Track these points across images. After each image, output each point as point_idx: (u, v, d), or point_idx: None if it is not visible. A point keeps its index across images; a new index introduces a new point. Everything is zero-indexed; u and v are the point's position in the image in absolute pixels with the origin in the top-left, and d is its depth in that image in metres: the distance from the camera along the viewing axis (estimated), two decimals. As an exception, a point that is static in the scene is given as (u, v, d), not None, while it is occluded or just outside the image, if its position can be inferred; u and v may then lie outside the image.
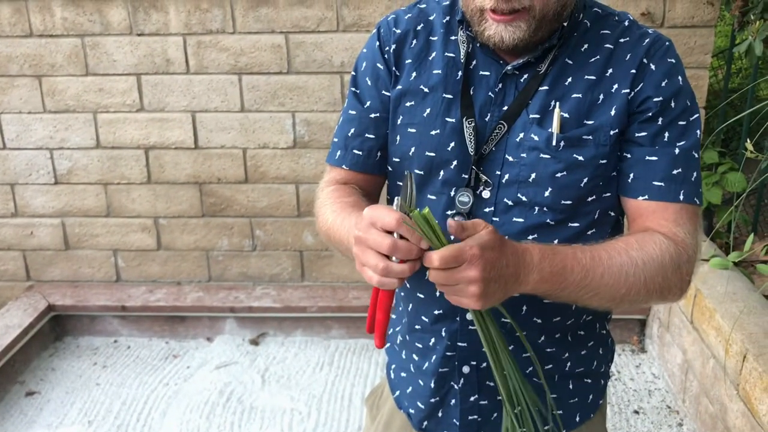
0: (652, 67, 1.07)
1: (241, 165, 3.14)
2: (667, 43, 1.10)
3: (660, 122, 1.07)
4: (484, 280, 0.90)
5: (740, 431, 2.10)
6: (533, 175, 1.08)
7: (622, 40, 1.10)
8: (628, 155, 1.08)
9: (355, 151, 1.23)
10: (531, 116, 1.08)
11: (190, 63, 3.00)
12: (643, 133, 1.07)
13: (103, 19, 2.95)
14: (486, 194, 1.11)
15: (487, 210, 1.11)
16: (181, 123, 3.09)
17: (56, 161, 3.18)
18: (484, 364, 1.17)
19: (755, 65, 2.72)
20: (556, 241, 1.09)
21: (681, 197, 1.07)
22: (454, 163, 1.11)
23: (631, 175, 1.08)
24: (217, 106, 3.06)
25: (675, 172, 1.07)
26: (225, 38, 2.96)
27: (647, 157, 1.07)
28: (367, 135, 1.22)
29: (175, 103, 3.06)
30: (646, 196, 1.07)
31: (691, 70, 2.83)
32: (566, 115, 1.07)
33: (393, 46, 1.18)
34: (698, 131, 1.10)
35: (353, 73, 1.25)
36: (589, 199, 1.10)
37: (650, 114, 1.06)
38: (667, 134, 1.07)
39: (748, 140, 2.06)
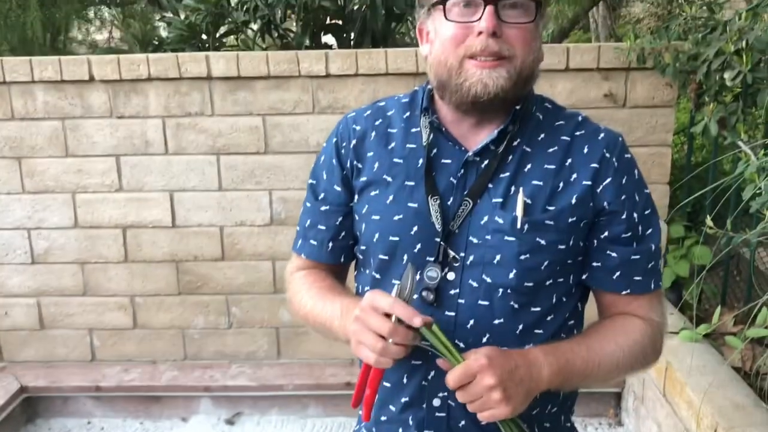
0: (615, 163, 1.14)
1: (218, 243, 3.17)
2: (620, 139, 1.18)
3: (634, 218, 1.15)
4: (502, 384, 0.99)
5: (715, 507, 2.09)
6: (498, 257, 1.11)
7: (578, 133, 1.17)
8: (614, 254, 1.16)
9: (311, 242, 1.28)
10: (494, 200, 1.12)
11: (168, 144, 3.06)
12: (626, 233, 1.15)
13: (84, 103, 3.02)
14: (451, 276, 1.12)
15: (452, 292, 1.12)
16: (159, 202, 3.13)
17: (33, 241, 3.19)
18: None
19: (714, 143, 2.82)
20: (520, 326, 1.13)
21: (652, 286, 1.19)
22: (418, 246, 1.14)
23: (618, 273, 1.17)
24: (195, 186, 3.11)
25: (650, 265, 1.18)
26: (203, 120, 3.03)
27: (632, 257, 1.16)
28: (319, 227, 1.27)
29: (154, 183, 3.11)
30: (628, 291, 1.18)
31: (654, 148, 2.94)
32: (528, 201, 1.12)
33: (353, 142, 1.23)
34: (657, 216, 1.21)
35: (314, 165, 1.30)
36: (547, 283, 1.14)
37: (624, 214, 1.14)
38: (640, 228, 1.16)
39: (708, 217, 2.13)
